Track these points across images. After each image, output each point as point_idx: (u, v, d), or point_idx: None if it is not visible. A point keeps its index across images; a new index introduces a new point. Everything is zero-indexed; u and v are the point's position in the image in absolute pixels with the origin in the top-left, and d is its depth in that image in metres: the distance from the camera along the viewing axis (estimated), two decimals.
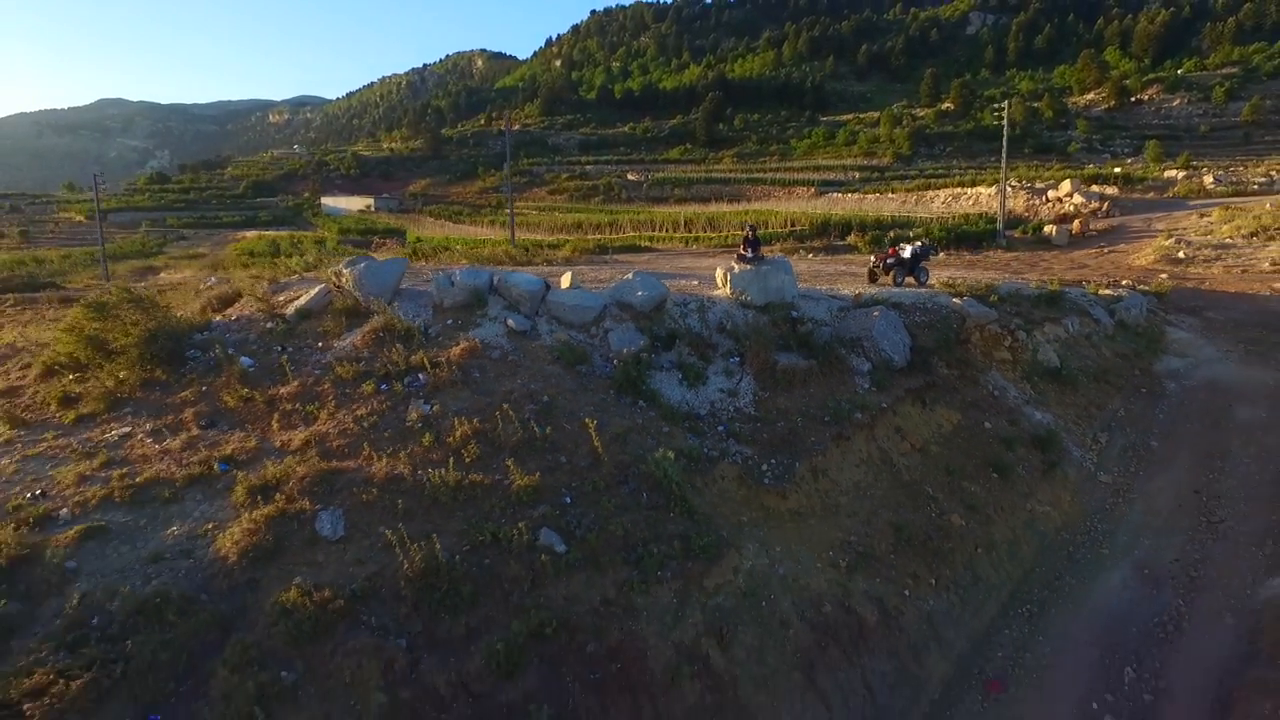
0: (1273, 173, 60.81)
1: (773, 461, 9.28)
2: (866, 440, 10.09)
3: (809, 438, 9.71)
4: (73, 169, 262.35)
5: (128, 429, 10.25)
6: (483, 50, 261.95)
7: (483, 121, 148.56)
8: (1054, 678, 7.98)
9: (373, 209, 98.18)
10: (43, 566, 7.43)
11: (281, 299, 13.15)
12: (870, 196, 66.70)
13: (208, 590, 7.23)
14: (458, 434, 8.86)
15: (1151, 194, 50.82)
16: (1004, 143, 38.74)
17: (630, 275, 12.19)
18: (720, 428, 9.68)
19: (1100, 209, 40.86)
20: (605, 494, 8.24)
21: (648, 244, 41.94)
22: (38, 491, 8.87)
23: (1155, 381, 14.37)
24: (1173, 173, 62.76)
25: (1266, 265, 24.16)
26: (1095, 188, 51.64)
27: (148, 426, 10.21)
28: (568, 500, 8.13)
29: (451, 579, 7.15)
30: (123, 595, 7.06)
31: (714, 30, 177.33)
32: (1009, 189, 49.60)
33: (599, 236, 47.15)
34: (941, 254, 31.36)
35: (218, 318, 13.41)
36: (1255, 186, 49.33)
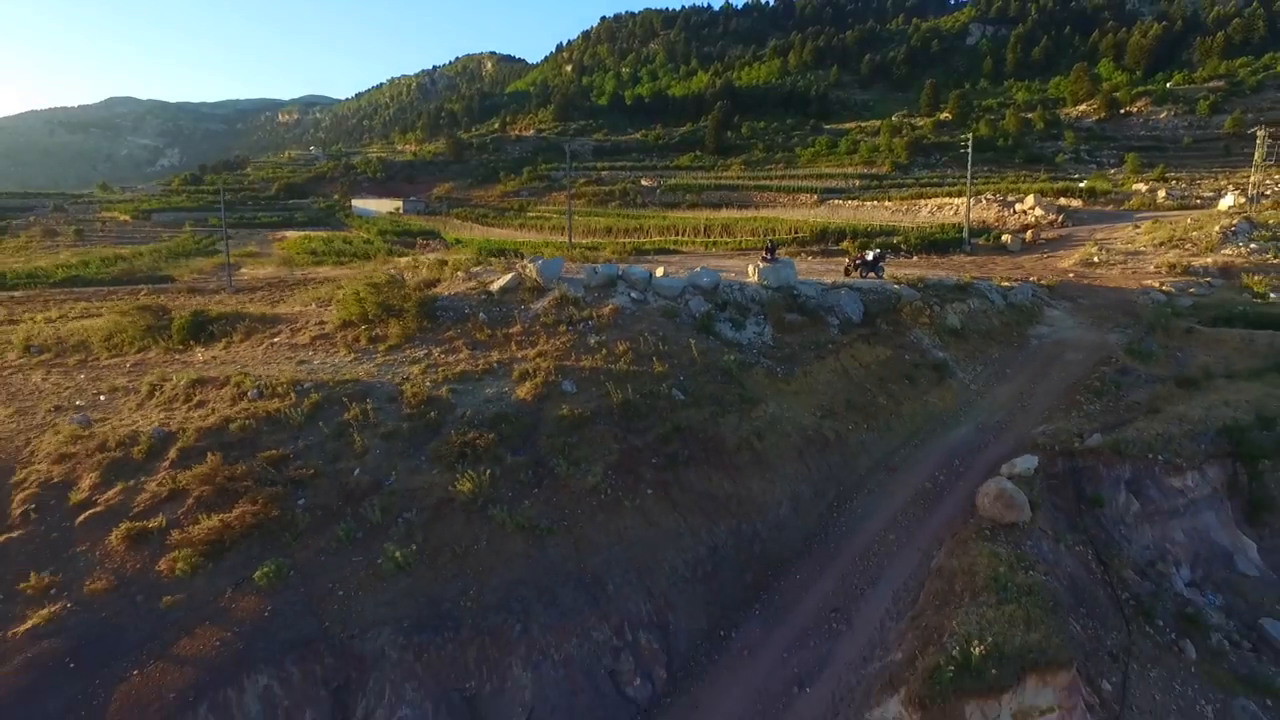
0: (1232, 186, 69.25)
1: (782, 367, 18.02)
2: (834, 360, 18.84)
3: (802, 356, 18.45)
4: (84, 167, 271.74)
5: (425, 351, 18.97)
6: (492, 53, 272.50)
7: (497, 126, 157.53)
8: (921, 466, 16.65)
9: (401, 211, 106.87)
10: (440, 401, 16.12)
11: (478, 282, 21.91)
12: (868, 204, 75.30)
13: (519, 413, 15.90)
14: (619, 349, 17.61)
15: (1111, 206, 59.44)
16: (968, 164, 47.27)
17: (697, 268, 20.98)
18: (754, 350, 18.44)
19: (1056, 221, 49.57)
20: (700, 375, 17.01)
21: (673, 247, 50.72)
22: (400, 378, 17.56)
23: (1024, 339, 23.04)
24: (1139, 186, 71.20)
25: (1152, 268, 32.92)
26: (1063, 200, 60.28)
27: (436, 351, 18.93)
28: (682, 378, 16.88)
29: (635, 407, 15.85)
30: (485, 413, 15.75)
31: (721, 38, 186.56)
32: (985, 200, 58.41)
33: (629, 240, 55.96)
34: (915, 257, 40.17)
35: (436, 292, 22.13)
36: (1199, 201, 58.00)
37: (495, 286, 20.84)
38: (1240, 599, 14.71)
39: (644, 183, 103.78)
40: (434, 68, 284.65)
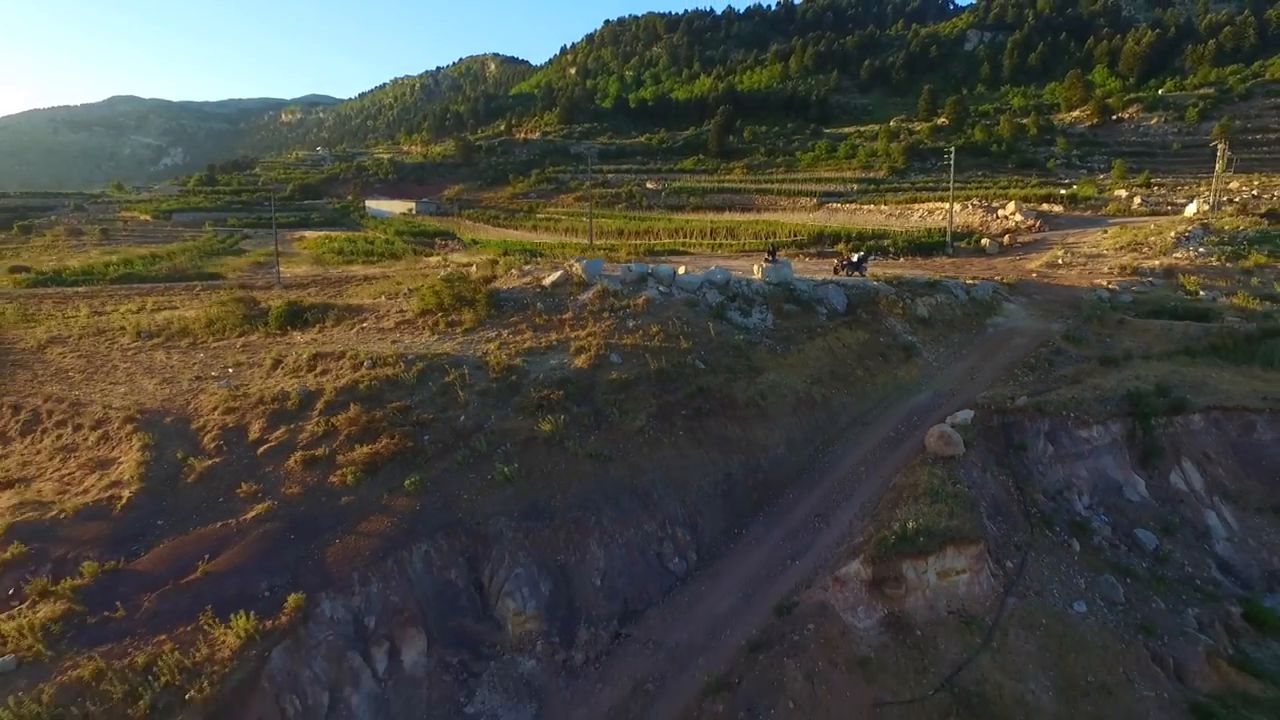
0: (1209, 192, 74.23)
1: (781, 345, 23.15)
2: (822, 341, 23.97)
3: (797, 337, 23.58)
4: (87, 166, 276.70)
5: (495, 333, 24.06)
6: (495, 54, 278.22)
7: (502, 128, 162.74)
8: (887, 421, 21.75)
9: (415, 212, 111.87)
10: (517, 369, 21.21)
11: (533, 278, 27.03)
12: (865, 208, 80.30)
13: (578, 377, 21.00)
14: (653, 331, 22.74)
15: (1089, 212, 64.47)
16: (951, 172, 52.30)
17: (711, 267, 26.12)
18: (759, 332, 23.58)
19: (1034, 226, 54.73)
20: (717, 351, 22.17)
21: (682, 248, 55.85)
22: (481, 353, 22.65)
23: (982, 327, 28.17)
24: (1120, 192, 76.17)
25: (1106, 269, 38.08)
26: (1045, 206, 65.37)
27: (505, 332, 24.03)
28: (702, 352, 22.03)
29: (667, 373, 20.98)
30: (553, 377, 20.85)
31: (724, 42, 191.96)
32: (971, 205, 63.54)
33: (639, 242, 61.10)
34: (901, 259, 45.32)
35: (496, 286, 27.22)
36: (1169, 208, 63.10)
37: (547, 281, 25.96)
38: (1124, 517, 19.84)
39: (649, 185, 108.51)
40: (437, 68, 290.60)
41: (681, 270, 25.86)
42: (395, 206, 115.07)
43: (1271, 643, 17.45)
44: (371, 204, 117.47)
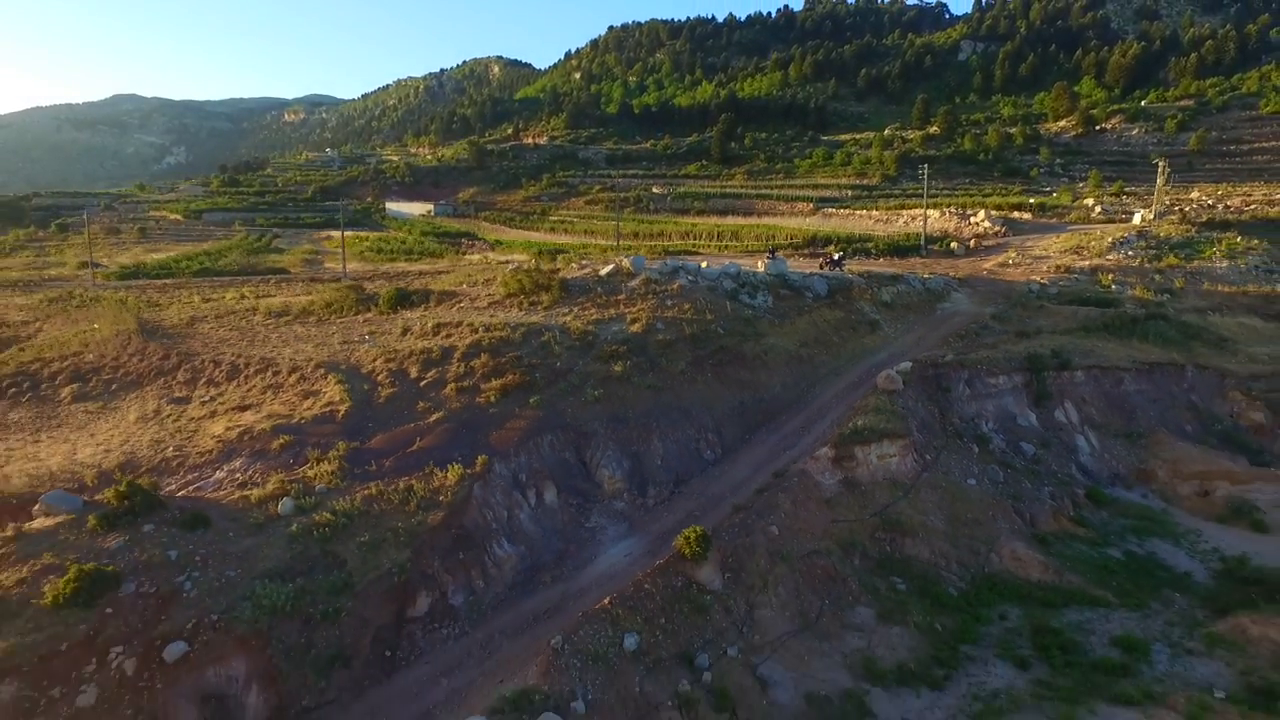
0: (1170, 201, 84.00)
1: (778, 319, 32.78)
2: (808, 317, 33.56)
3: (790, 314, 33.20)
4: (91, 164, 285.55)
5: (567, 309, 33.55)
6: (499, 57, 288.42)
7: (510, 132, 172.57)
8: (854, 372, 31.29)
9: (433, 214, 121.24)
10: (590, 333, 30.71)
11: (592, 269, 36.58)
12: (858, 213, 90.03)
13: (634, 339, 30.50)
14: (686, 308, 32.36)
15: (1054, 219, 74.24)
16: (925, 185, 61.93)
17: (725, 263, 35.76)
18: (762, 310, 33.18)
19: (1000, 231, 64.53)
20: (732, 322, 31.86)
21: (692, 249, 65.49)
22: (562, 322, 32.12)
23: (933, 309, 37.83)
24: (1088, 200, 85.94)
25: (1045, 268, 47.79)
26: (1015, 214, 75.18)
27: (575, 309, 33.53)
28: (722, 322, 31.67)
29: (698, 337, 30.56)
30: (617, 338, 30.41)
31: (725, 49, 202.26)
32: (948, 212, 73.32)
33: (653, 243, 70.74)
34: (881, 259, 55.03)
35: (563, 275, 36.70)
36: (1123, 216, 72.90)
37: (603, 272, 35.45)
38: (1015, 436, 29.43)
39: (655, 190, 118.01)
40: (441, 70, 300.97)
41: (704, 265, 35.44)
42: (414, 208, 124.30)
43: (1102, 512, 27.06)
44: (391, 205, 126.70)
